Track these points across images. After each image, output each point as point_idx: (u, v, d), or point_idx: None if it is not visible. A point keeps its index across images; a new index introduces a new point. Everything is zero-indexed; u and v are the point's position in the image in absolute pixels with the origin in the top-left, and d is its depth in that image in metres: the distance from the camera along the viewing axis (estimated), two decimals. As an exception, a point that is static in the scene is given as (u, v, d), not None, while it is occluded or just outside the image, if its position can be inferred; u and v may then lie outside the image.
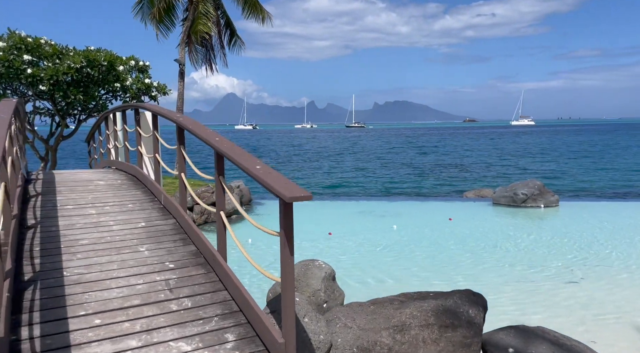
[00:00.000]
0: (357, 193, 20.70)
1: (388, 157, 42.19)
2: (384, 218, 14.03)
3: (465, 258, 9.51)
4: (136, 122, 7.40)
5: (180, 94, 18.34)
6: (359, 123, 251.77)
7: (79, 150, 43.32)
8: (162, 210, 5.67)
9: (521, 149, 49.82)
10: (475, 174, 27.08)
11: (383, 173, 28.40)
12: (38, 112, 17.79)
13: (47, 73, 15.10)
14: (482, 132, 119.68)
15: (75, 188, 6.60)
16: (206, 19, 18.08)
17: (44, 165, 17.68)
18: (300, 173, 29.37)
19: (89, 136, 13.00)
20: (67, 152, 43.09)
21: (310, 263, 7.12)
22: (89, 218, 5.26)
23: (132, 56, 17.55)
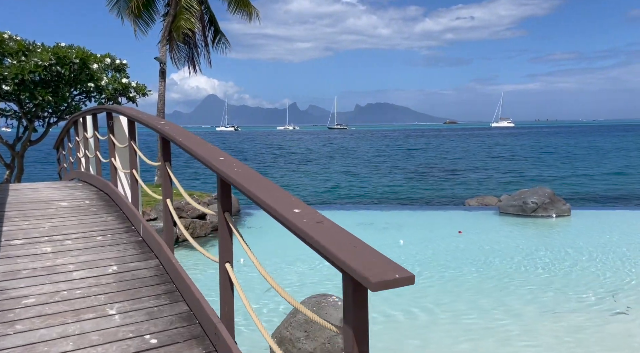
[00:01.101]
0: (353, 201, 19.52)
1: (378, 160, 41.15)
2: (387, 231, 12.88)
3: (485, 281, 8.40)
4: (109, 129, 6.07)
5: (161, 94, 16.92)
6: (341, 125, 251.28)
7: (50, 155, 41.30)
8: (141, 246, 4.37)
9: (510, 152, 49.33)
10: (472, 179, 26.17)
11: (376, 178, 27.27)
12: (3, 115, 16.17)
13: (12, 71, 13.55)
14: (465, 134, 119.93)
15: (30, 213, 5.24)
16: (189, 14, 16.71)
17: (10, 173, 16.04)
18: (289, 178, 28.06)
19: (58, 142, 11.55)
20: (39, 157, 40.92)
21: (323, 300, 5.89)
22: (41, 260, 3.93)
23: (108, 54, 16.08)
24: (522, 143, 67.31)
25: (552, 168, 31.72)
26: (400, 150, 54.72)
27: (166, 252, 3.85)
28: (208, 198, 14.09)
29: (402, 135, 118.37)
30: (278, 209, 2.02)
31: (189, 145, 3.13)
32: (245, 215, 15.37)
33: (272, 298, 7.41)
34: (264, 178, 2.56)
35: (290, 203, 2.12)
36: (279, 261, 9.57)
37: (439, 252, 10.31)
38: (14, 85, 13.67)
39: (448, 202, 18.50)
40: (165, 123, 3.86)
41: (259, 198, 2.20)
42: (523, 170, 30.69)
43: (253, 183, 2.43)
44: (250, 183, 2.43)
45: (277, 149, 62.57)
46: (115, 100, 16.33)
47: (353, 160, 41.43)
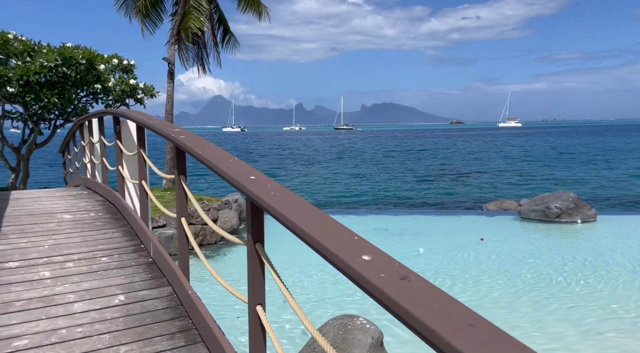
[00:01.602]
0: (366, 205, 18.97)
1: (388, 161, 40.53)
2: (404, 237, 12.33)
3: (519, 296, 7.83)
4: (116, 134, 5.58)
5: (169, 96, 16.47)
6: (347, 125, 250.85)
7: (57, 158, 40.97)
8: (151, 269, 3.86)
9: (523, 153, 48.48)
10: (486, 182, 25.51)
11: (388, 181, 26.69)
12: (9, 117, 15.80)
13: (16, 73, 13.15)
14: (473, 134, 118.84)
15: (29, 228, 4.76)
16: (198, 13, 16.24)
17: (15, 177, 15.66)
18: (299, 181, 27.54)
19: (63, 146, 11.11)
20: (48, 158, 40.72)
21: (349, 322, 5.36)
22: (38, 287, 3.43)
23: (115, 54, 15.65)
24: (533, 143, 66.36)
25: (569, 169, 30.96)
26: (410, 151, 54.04)
27: (181, 280, 3.34)
28: (218, 203, 13.60)
29: (409, 136, 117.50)
30: (341, 256, 1.49)
31: (210, 159, 2.61)
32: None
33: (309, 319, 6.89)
34: (307, 204, 2.04)
35: (353, 243, 1.60)
36: (297, 271, 9.06)
37: (463, 262, 9.74)
38: (18, 87, 13.27)
39: (465, 206, 17.90)
40: (180, 131, 3.34)
41: (310, 237, 1.68)
42: (538, 172, 29.96)
43: (296, 212, 1.91)
44: (293, 212, 1.91)
45: (284, 150, 62.11)
46: (123, 102, 15.91)
47: (363, 161, 40.84)
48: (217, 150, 2.82)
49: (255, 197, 2.12)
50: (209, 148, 2.86)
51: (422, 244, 11.50)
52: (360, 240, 1.62)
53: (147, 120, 4.23)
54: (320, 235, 1.67)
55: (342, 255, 1.49)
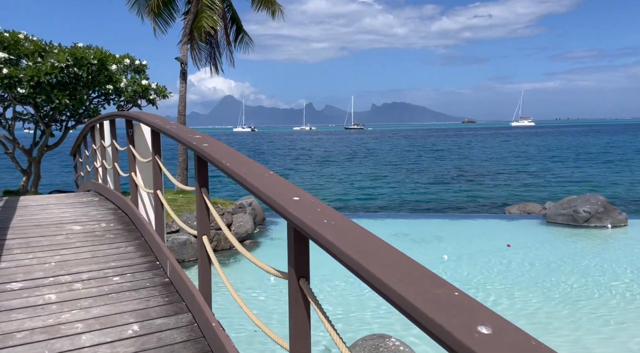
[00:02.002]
0: (383, 208, 18.47)
1: (402, 162, 39.94)
2: (426, 244, 11.84)
3: (557, 310, 7.32)
4: (128, 138, 5.20)
5: (182, 96, 16.14)
6: (357, 125, 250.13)
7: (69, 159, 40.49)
8: (168, 291, 3.45)
9: (539, 152, 47.53)
10: (506, 183, 24.84)
11: (404, 182, 26.15)
12: (20, 118, 15.60)
13: (27, 73, 12.89)
14: (487, 133, 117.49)
15: (36, 242, 4.39)
16: (211, 11, 15.90)
17: (26, 179, 15.44)
18: (312, 183, 27.11)
19: (74, 148, 10.80)
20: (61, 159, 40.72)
21: (381, 343, 4.92)
22: (42, 314, 3.04)
23: (127, 54, 15.36)
24: (549, 143, 65.21)
25: (590, 170, 30.12)
26: (424, 152, 53.31)
27: (202, 307, 2.92)
28: (232, 206, 13.22)
29: (422, 135, 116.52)
30: (447, 327, 1.05)
31: (241, 173, 2.18)
32: (270, 223, 14.48)
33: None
34: (371, 236, 1.61)
35: (455, 302, 1.16)
36: (317, 281, 8.62)
37: (492, 271, 9.24)
38: (29, 88, 13.02)
39: (485, 209, 17.32)
40: (202, 138, 2.92)
41: (391, 291, 1.24)
42: (559, 172, 29.16)
43: (361, 249, 1.48)
44: (357, 248, 1.47)
45: (296, 150, 61.76)
46: (135, 103, 15.62)
47: (376, 162, 40.29)
48: (248, 162, 2.40)
49: (303, 225, 1.69)
50: (238, 159, 2.43)
51: (446, 251, 11.01)
52: (465, 298, 1.18)
53: (163, 124, 3.83)
54: (405, 288, 1.23)
55: (447, 325, 1.05)
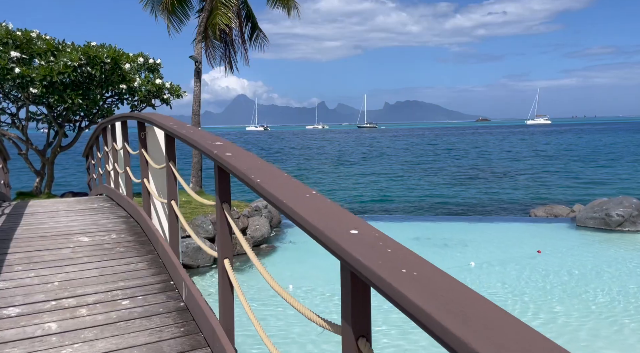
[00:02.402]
0: (402, 209, 17.92)
1: (419, 161, 39.22)
2: (450, 249, 11.32)
3: (601, 324, 6.76)
4: (140, 142, 4.80)
5: (196, 96, 15.79)
6: (370, 123, 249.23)
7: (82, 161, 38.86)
8: (184, 320, 3.02)
9: (560, 151, 46.36)
10: (527, 183, 24.07)
11: (421, 182, 25.53)
12: (34, 118, 15.38)
13: (40, 73, 12.64)
14: (503, 132, 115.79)
15: (39, 256, 4.00)
16: (226, 8, 15.52)
17: (40, 180, 15.24)
18: (328, 182, 26.64)
19: (86, 150, 10.50)
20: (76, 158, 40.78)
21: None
22: (39, 350, 2.63)
23: (141, 53, 15.06)
24: (568, 141, 63.79)
25: (616, 170, 29.13)
26: (441, 151, 52.45)
27: (222, 343, 2.49)
28: (247, 209, 12.83)
29: (437, 134, 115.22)
30: None
31: (276, 193, 1.73)
32: (286, 227, 14.07)
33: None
34: (468, 291, 1.15)
35: None
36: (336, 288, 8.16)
37: (526, 280, 8.68)
38: (42, 88, 12.77)
39: (509, 211, 16.67)
40: (224, 146, 2.48)
41: None
42: (583, 172, 28.19)
43: (461, 318, 1.02)
44: (462, 321, 1.01)
45: (310, 149, 61.38)
46: (149, 103, 15.32)
47: (392, 161, 39.63)
48: (283, 177, 1.95)
49: (372, 276, 1.23)
50: (270, 173, 1.98)
51: (471, 257, 10.49)
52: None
53: (179, 128, 3.40)
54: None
55: None
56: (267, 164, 2.14)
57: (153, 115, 4.46)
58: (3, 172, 9.35)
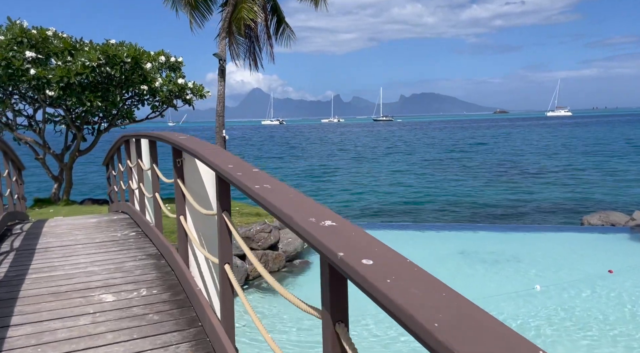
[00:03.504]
0: (434, 214, 16.76)
1: (445, 158, 37.80)
2: (502, 265, 10.23)
3: None
4: (176, 171, 3.85)
5: (220, 96, 14.86)
6: (386, 116, 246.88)
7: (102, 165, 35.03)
8: None
9: (593, 145, 44.33)
10: (566, 182, 22.63)
11: (452, 181, 24.26)
12: (51, 120, 14.62)
13: (56, 74, 11.82)
14: (524, 124, 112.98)
15: (50, 331, 3.06)
16: (252, 2, 14.52)
17: (58, 186, 14.51)
18: (352, 181, 25.54)
19: (107, 159, 9.63)
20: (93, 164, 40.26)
21: None
22: None
23: (162, 51, 14.17)
24: (597, 134, 61.30)
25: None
26: (466, 145, 50.71)
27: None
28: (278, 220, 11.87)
29: (457, 127, 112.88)
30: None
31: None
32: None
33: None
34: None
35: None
36: (370, 323, 7.18)
37: (597, 309, 7.57)
38: (59, 90, 11.96)
39: (557, 218, 15.41)
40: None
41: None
42: (625, 169, 26.42)
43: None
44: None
45: (329, 144, 60.31)
46: (170, 103, 14.45)
47: (417, 158, 38.24)
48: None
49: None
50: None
51: (529, 275, 9.42)
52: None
53: (234, 170, 2.43)
54: None
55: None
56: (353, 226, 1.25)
57: (190, 142, 3.49)
58: (17, 184, 8.53)
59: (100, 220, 6.73)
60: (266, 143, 69.01)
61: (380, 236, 1.51)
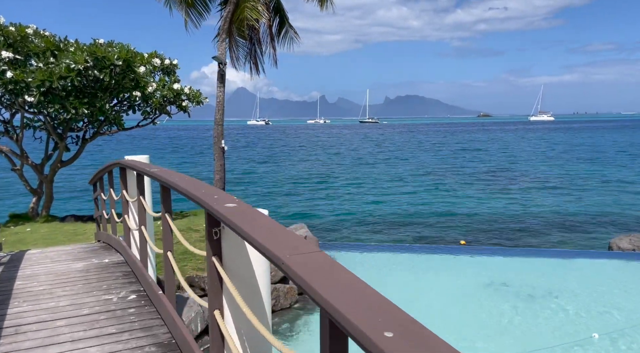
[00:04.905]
0: (445, 232, 15.66)
1: (444, 164, 36.71)
2: (539, 302, 9.17)
3: None
4: (211, 244, 2.65)
5: (219, 103, 13.58)
6: (372, 118, 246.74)
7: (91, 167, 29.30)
8: None
9: (590, 152, 43.87)
10: (577, 195, 21.78)
11: (456, 192, 23.19)
12: (31, 125, 13.16)
13: (37, 77, 10.42)
14: (511, 128, 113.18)
15: None
16: (255, 1, 13.27)
17: (36, 200, 13.05)
18: (350, 191, 24.32)
19: (95, 178, 8.28)
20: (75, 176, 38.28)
21: None
22: None
23: (155, 52, 12.85)
24: (589, 141, 60.89)
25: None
26: (465, 152, 49.79)
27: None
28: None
29: (447, 130, 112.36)
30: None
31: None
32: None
33: None
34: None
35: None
36: None
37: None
38: (39, 95, 10.56)
39: (579, 240, 14.39)
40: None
41: None
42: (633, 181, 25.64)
43: None
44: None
45: (321, 148, 59.11)
46: (164, 110, 13.14)
47: (417, 166, 37.11)
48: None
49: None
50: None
51: (576, 317, 8.39)
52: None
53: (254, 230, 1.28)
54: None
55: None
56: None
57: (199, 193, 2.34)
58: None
59: (89, 267, 5.44)
60: (254, 145, 67.45)
61: (394, 260, 0.37)
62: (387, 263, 11.99)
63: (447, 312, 8.69)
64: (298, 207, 20.05)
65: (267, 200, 21.67)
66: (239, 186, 25.59)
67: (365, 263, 12.01)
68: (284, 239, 1.83)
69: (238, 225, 2.08)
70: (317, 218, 17.87)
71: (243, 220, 2.13)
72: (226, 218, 2.22)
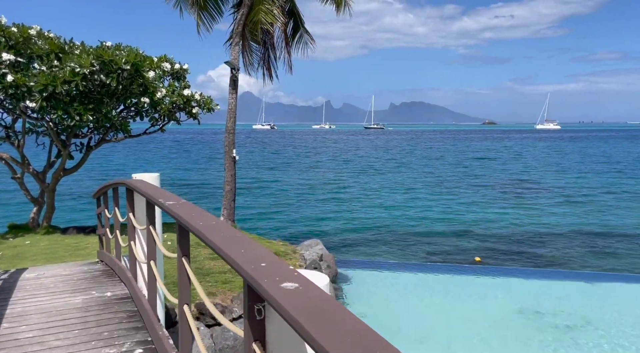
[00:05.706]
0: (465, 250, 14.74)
1: (459, 173, 35.78)
2: (578, 334, 8.40)
3: None
4: (249, 317, 1.90)
5: (231, 110, 12.91)
6: (377, 124, 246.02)
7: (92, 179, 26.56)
8: None
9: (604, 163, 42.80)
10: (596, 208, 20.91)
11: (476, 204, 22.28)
12: (33, 131, 12.53)
13: (39, 81, 9.76)
14: (518, 137, 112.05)
15: None
16: (270, 3, 12.61)
17: (37, 210, 12.38)
18: (362, 206, 23.50)
19: (98, 193, 7.59)
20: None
21: None
22: None
23: (165, 56, 12.19)
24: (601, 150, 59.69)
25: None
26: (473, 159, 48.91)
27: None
28: (300, 262, 9.91)
29: (455, 138, 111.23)
30: None
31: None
32: (344, 279, 11.18)
33: None
34: None
35: None
36: None
37: None
38: (41, 100, 9.91)
39: (612, 262, 13.47)
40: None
41: None
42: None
43: None
44: None
45: (330, 156, 58.38)
46: (172, 117, 12.47)
47: (428, 172, 36.27)
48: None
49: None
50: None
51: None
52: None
53: None
54: None
55: None
56: None
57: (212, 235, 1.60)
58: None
59: (89, 303, 4.74)
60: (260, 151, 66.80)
61: (415, 281, 0.39)
62: (407, 284, 11.25)
63: (485, 345, 7.93)
64: (310, 219, 19.29)
65: (277, 211, 20.95)
66: (248, 197, 24.83)
67: (386, 283, 11.28)
68: None
69: (305, 330, 1.35)
70: (329, 232, 17.08)
71: (311, 320, 1.40)
72: (287, 314, 1.49)
